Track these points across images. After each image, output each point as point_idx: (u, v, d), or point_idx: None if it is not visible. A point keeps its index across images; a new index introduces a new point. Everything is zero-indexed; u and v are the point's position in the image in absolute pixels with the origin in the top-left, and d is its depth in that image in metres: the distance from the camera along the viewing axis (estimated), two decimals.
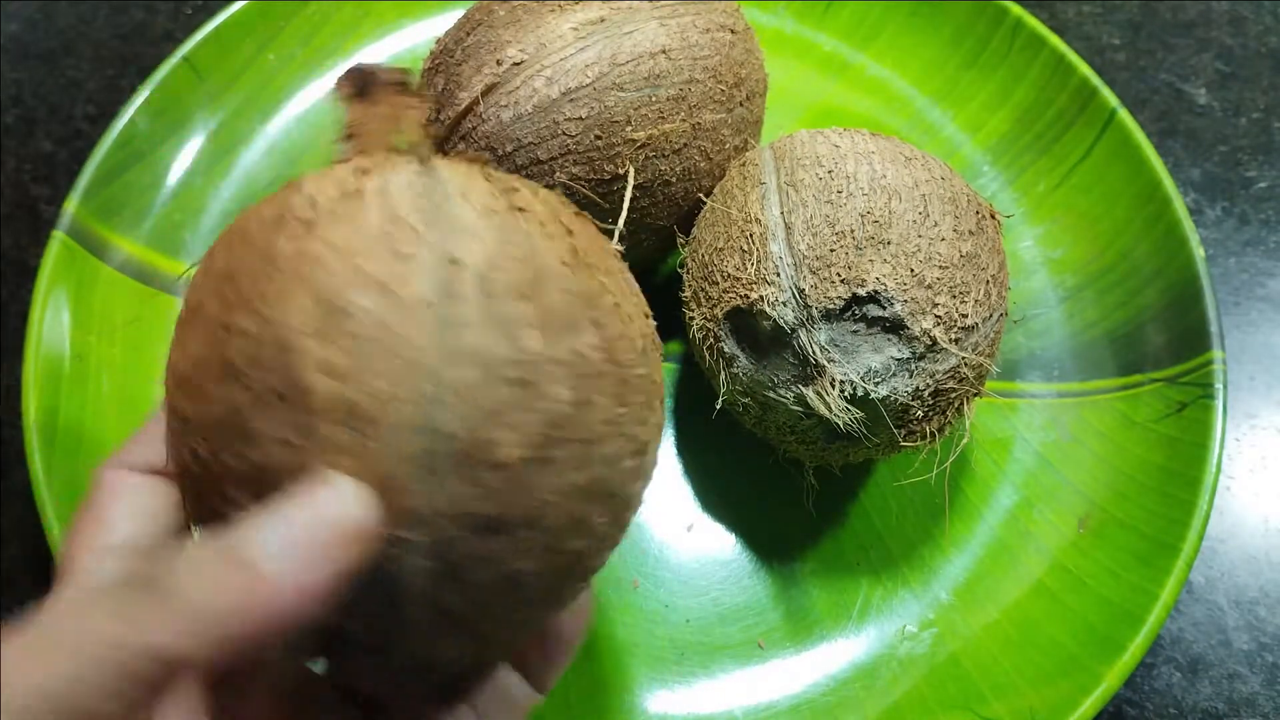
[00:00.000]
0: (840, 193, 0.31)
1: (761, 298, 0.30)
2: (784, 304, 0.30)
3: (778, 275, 0.30)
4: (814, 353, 0.30)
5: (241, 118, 0.45)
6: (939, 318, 0.30)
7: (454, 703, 0.23)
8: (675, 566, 0.36)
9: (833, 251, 0.30)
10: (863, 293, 0.29)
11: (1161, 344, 0.38)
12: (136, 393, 0.38)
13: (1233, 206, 0.46)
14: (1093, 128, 0.43)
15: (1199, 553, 0.34)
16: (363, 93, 0.23)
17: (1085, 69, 0.43)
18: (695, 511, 0.37)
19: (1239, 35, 0.52)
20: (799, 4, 0.49)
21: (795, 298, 0.30)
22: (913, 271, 0.30)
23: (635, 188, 0.33)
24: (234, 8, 0.45)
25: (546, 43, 0.33)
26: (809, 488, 0.35)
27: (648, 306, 0.23)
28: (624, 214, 0.33)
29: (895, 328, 0.30)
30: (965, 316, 0.30)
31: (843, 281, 0.30)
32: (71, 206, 0.39)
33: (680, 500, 0.37)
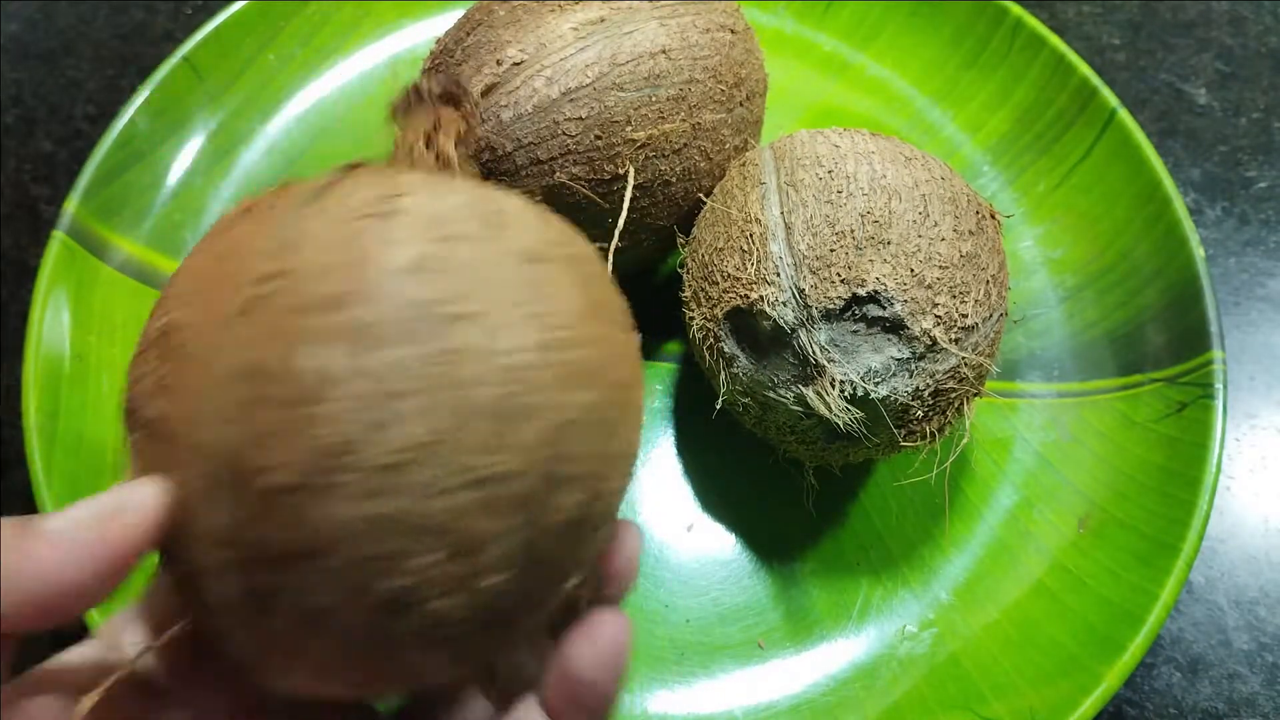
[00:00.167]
0: (840, 193, 0.31)
1: (761, 298, 0.30)
2: (784, 304, 0.30)
3: (778, 275, 0.30)
4: (814, 353, 0.30)
5: (241, 118, 0.45)
6: (939, 318, 0.30)
7: None
8: (675, 566, 0.36)
9: (833, 251, 0.30)
10: (863, 293, 0.30)
11: (1161, 344, 0.38)
12: None
13: (1233, 206, 0.46)
14: (1093, 128, 0.43)
15: (1199, 553, 0.34)
16: (412, 104, 0.24)
17: (1085, 69, 0.43)
18: (695, 511, 0.37)
19: (1239, 35, 0.52)
20: (799, 4, 0.49)
21: (795, 298, 0.30)
22: (913, 271, 0.30)
23: (635, 188, 0.33)
24: (234, 8, 0.45)
25: (546, 43, 0.33)
26: (809, 488, 0.35)
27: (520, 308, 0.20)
28: (624, 214, 0.33)
29: (895, 328, 0.30)
30: (965, 316, 0.30)
31: (843, 281, 0.30)
32: (71, 206, 0.39)
33: (680, 500, 0.37)
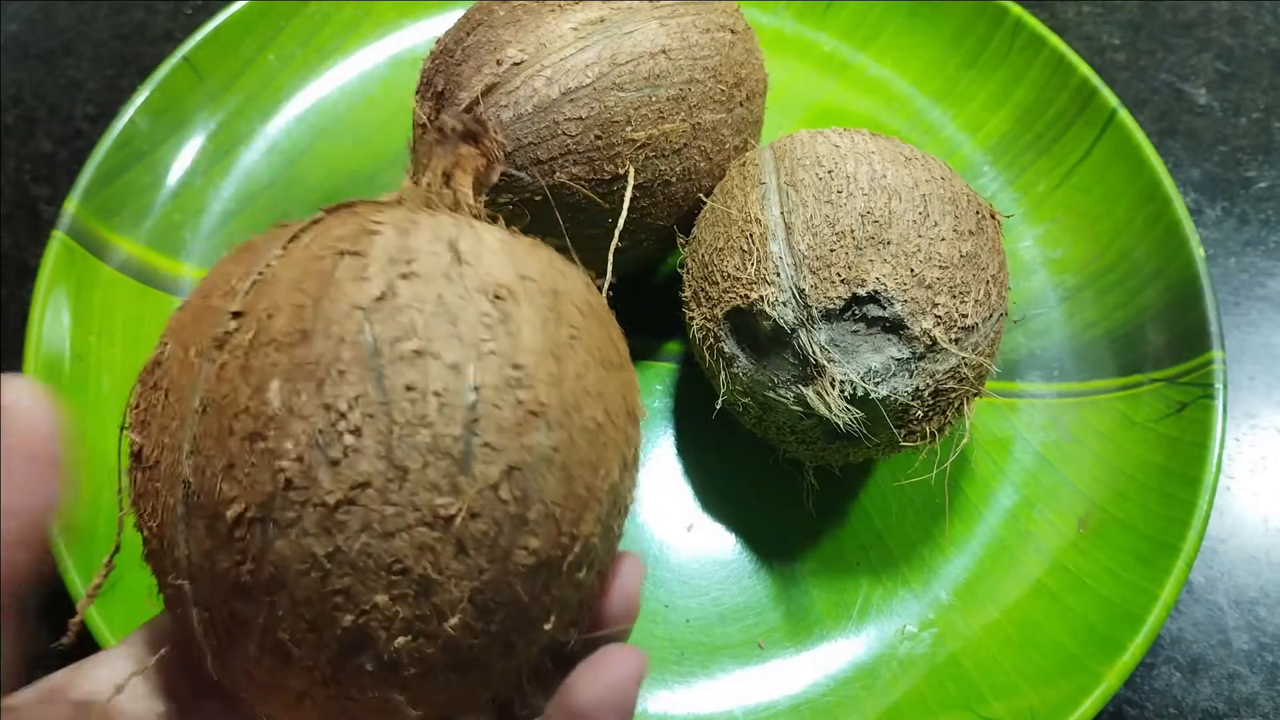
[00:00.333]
0: (840, 193, 0.31)
1: (761, 298, 0.30)
2: (784, 304, 0.30)
3: (778, 275, 0.30)
4: (814, 353, 0.30)
5: (241, 118, 0.45)
6: (939, 318, 0.30)
7: None
8: (675, 566, 0.36)
9: (833, 251, 0.30)
10: (863, 293, 0.30)
11: (1161, 344, 0.38)
12: None
13: (1233, 206, 0.46)
14: (1093, 128, 0.43)
15: (1199, 553, 0.34)
16: (433, 142, 0.24)
17: (1085, 69, 0.43)
18: (695, 511, 0.37)
19: (1239, 35, 0.52)
20: (799, 4, 0.49)
21: (795, 298, 0.30)
22: (913, 271, 0.30)
23: (635, 188, 0.33)
24: (234, 8, 0.45)
25: (546, 43, 0.33)
26: (809, 488, 0.35)
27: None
28: (624, 214, 0.33)
29: (895, 328, 0.30)
30: (965, 316, 0.30)
31: (843, 281, 0.30)
32: (71, 206, 0.39)
33: (680, 500, 0.37)
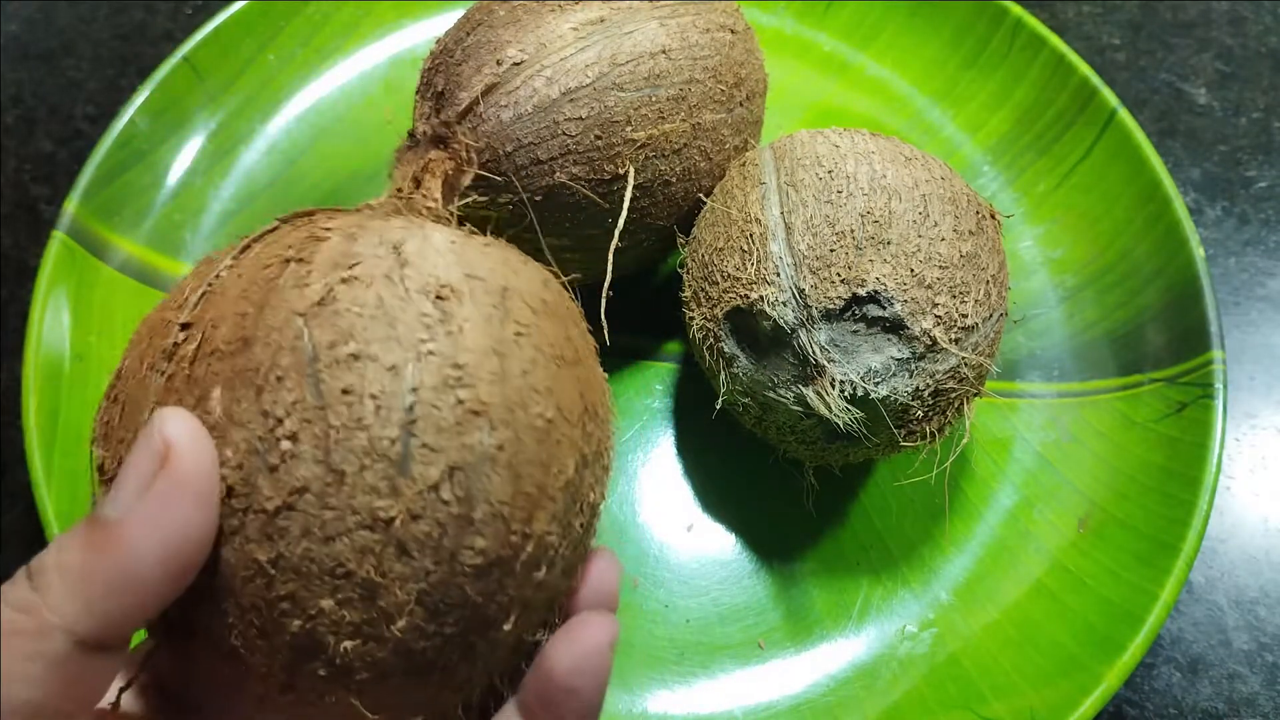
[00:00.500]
0: (840, 193, 0.31)
1: (761, 298, 0.30)
2: (784, 304, 0.30)
3: (778, 275, 0.30)
4: (814, 353, 0.30)
5: (241, 118, 0.45)
6: (939, 318, 0.30)
7: None
8: (675, 566, 0.36)
9: (833, 251, 0.30)
10: (863, 293, 0.30)
11: (1161, 344, 0.38)
12: None
13: (1233, 206, 0.46)
14: (1093, 128, 0.43)
15: (1199, 553, 0.34)
16: (409, 144, 0.24)
17: (1085, 69, 0.43)
18: (695, 511, 0.37)
19: (1239, 35, 0.52)
20: (799, 4, 0.49)
21: (795, 298, 0.30)
22: (913, 271, 0.30)
23: (635, 188, 0.33)
24: (234, 8, 0.45)
25: (546, 43, 0.33)
26: (809, 488, 0.35)
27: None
28: (624, 214, 0.33)
29: (895, 328, 0.30)
30: (965, 316, 0.30)
31: (843, 281, 0.30)
32: (71, 206, 0.39)
33: (680, 500, 0.37)
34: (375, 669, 0.18)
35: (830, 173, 0.32)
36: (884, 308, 0.30)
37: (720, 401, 0.33)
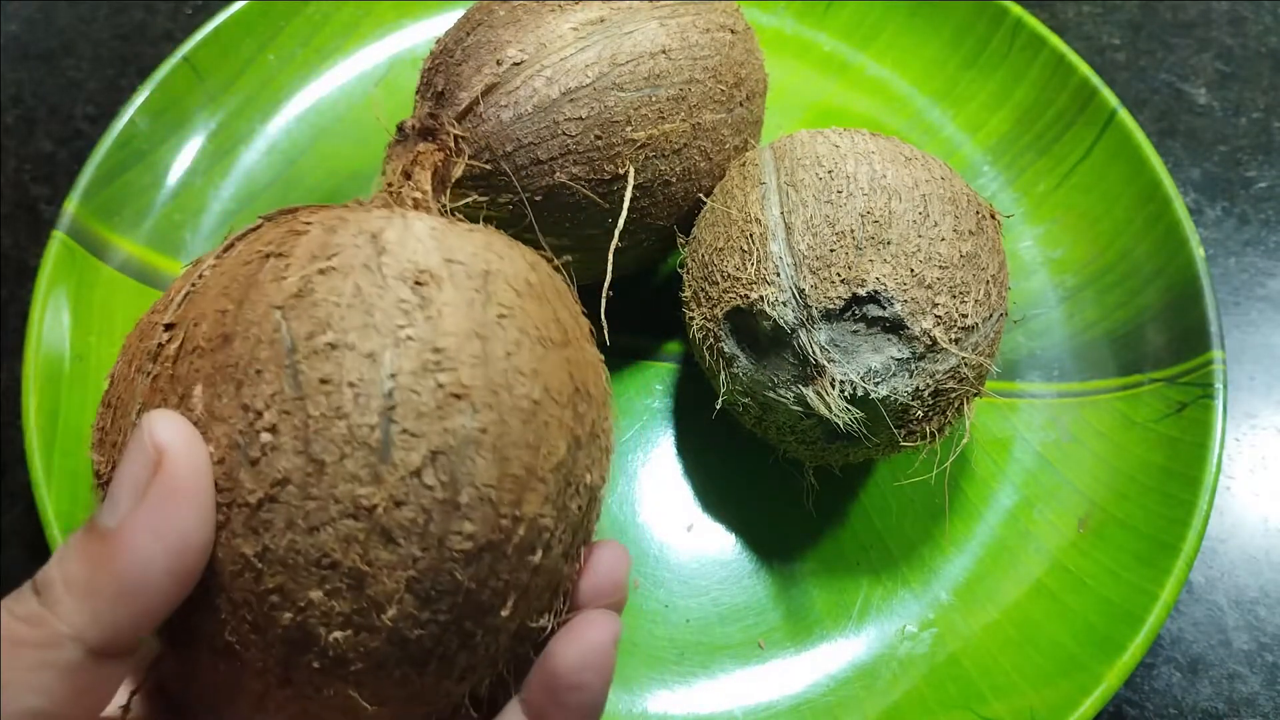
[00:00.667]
0: (840, 193, 0.31)
1: (761, 298, 0.30)
2: (784, 304, 0.30)
3: (778, 275, 0.31)
4: (814, 353, 0.30)
5: (241, 118, 0.45)
6: (939, 318, 0.30)
7: None
8: (675, 566, 0.36)
9: (833, 251, 0.30)
10: (863, 293, 0.30)
11: (1161, 344, 0.38)
12: None
13: (1233, 206, 0.46)
14: (1093, 128, 0.43)
15: (1199, 553, 0.34)
16: (399, 138, 0.24)
17: (1085, 69, 0.43)
18: (695, 511, 0.37)
19: (1239, 35, 0.52)
20: (799, 4, 0.49)
21: (795, 298, 0.30)
22: (913, 271, 0.30)
23: (635, 188, 0.33)
24: (234, 8, 0.45)
25: (546, 43, 0.33)
26: (809, 488, 0.35)
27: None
28: (624, 214, 0.33)
29: (895, 328, 0.30)
30: (965, 316, 0.30)
31: (843, 281, 0.30)
32: (71, 206, 0.39)
33: (680, 500, 0.37)
34: (370, 659, 0.18)
35: (830, 173, 0.32)
36: (884, 308, 0.30)
37: (720, 401, 0.33)
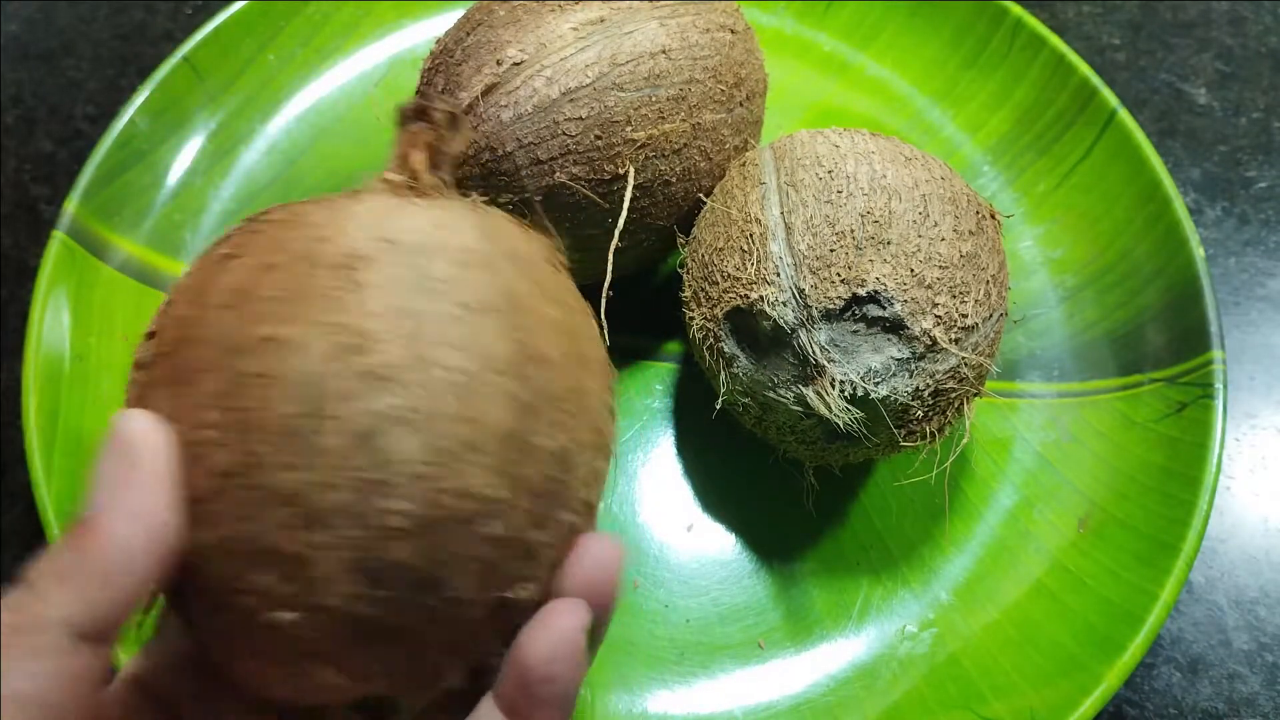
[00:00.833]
0: (840, 193, 0.31)
1: (761, 298, 0.30)
2: (784, 304, 0.30)
3: (778, 275, 0.31)
4: (814, 353, 0.30)
5: (241, 118, 0.45)
6: (939, 318, 0.30)
7: None
8: (675, 566, 0.36)
9: (833, 251, 0.30)
10: (863, 293, 0.30)
11: (1161, 344, 0.38)
12: None
13: (1233, 206, 0.46)
14: (1093, 128, 0.43)
15: (1199, 553, 0.34)
16: (411, 120, 0.24)
17: (1085, 69, 0.43)
18: (695, 511, 0.37)
19: (1239, 35, 0.52)
20: (799, 4, 0.49)
21: (795, 298, 0.30)
22: (913, 271, 0.30)
23: (635, 188, 0.33)
24: (234, 8, 0.45)
25: (546, 43, 0.33)
26: (809, 488, 0.35)
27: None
28: (624, 214, 0.33)
29: (895, 328, 0.30)
30: (965, 316, 0.30)
31: (843, 281, 0.30)
32: (71, 206, 0.39)
33: (680, 500, 0.37)
34: (332, 638, 0.19)
35: (830, 173, 0.32)
36: (884, 308, 0.30)
37: (720, 401, 0.33)
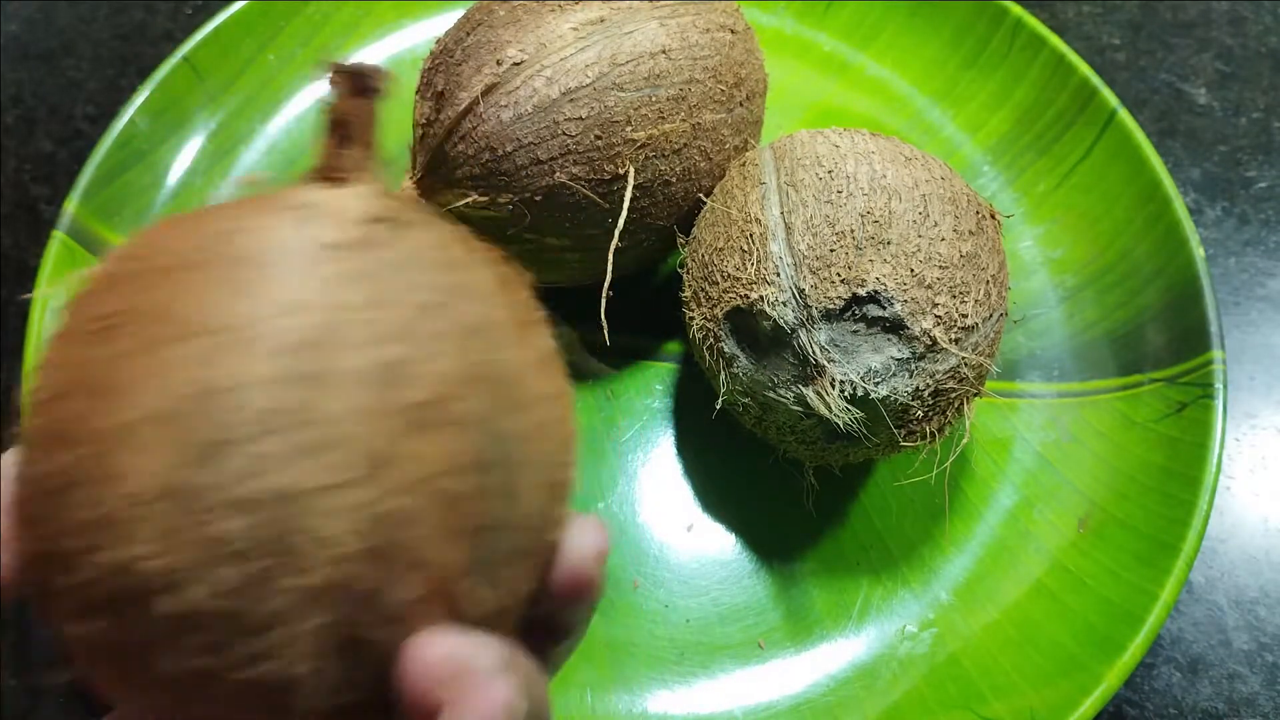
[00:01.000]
0: (840, 193, 0.31)
1: (761, 298, 0.30)
2: (784, 304, 0.30)
3: (778, 275, 0.31)
4: (814, 353, 0.30)
5: (241, 118, 0.45)
6: (939, 318, 0.30)
7: None
8: (675, 566, 0.36)
9: (833, 251, 0.30)
10: (863, 293, 0.30)
11: (1161, 344, 0.38)
12: None
13: (1233, 206, 0.46)
14: (1093, 128, 0.43)
15: (1199, 552, 0.34)
16: (348, 92, 0.22)
17: (1085, 69, 0.43)
18: (695, 511, 0.37)
19: (1239, 35, 0.52)
20: (799, 4, 0.49)
21: (795, 298, 0.30)
22: (913, 271, 0.30)
23: (635, 188, 0.33)
24: (234, 8, 0.45)
25: (546, 43, 0.33)
26: (809, 488, 0.35)
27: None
28: (624, 214, 0.33)
29: (895, 328, 0.30)
30: (965, 316, 0.30)
31: (843, 281, 0.30)
32: (72, 206, 0.39)
33: (680, 500, 0.37)
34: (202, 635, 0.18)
35: (830, 173, 0.32)
36: (884, 308, 0.30)
37: (720, 401, 0.33)
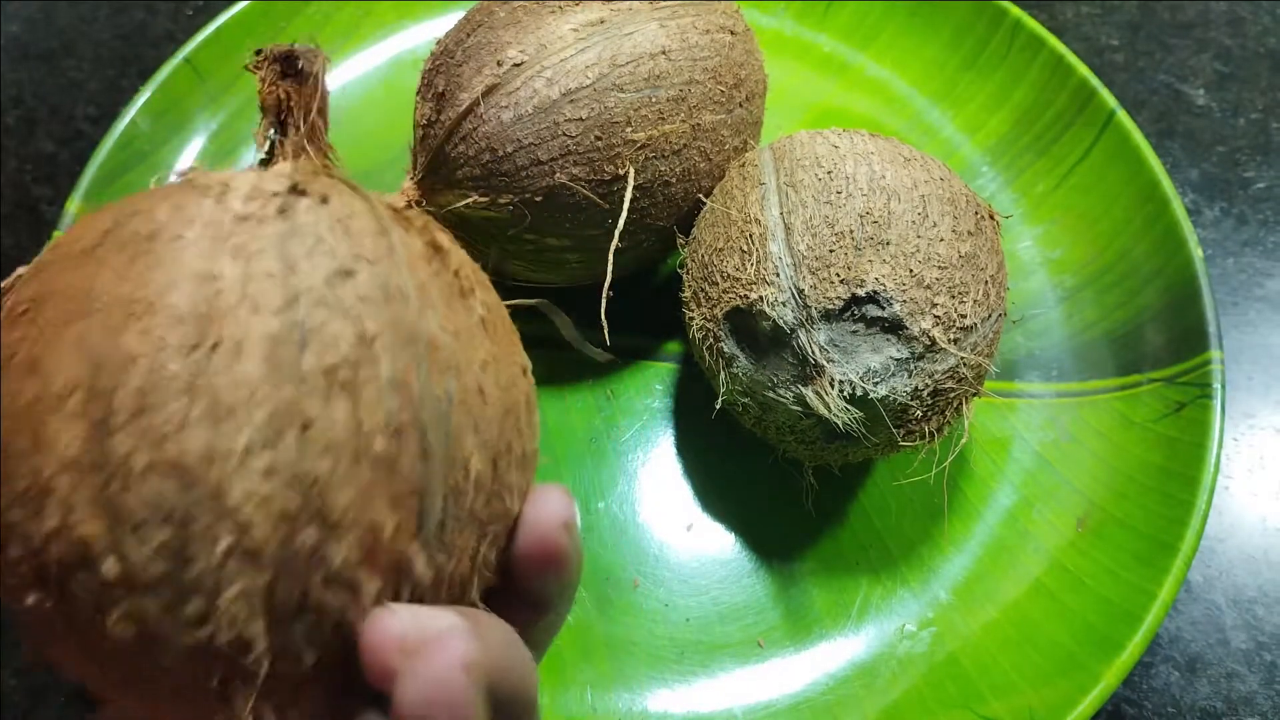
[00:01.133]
0: (839, 193, 0.31)
1: (761, 298, 0.30)
2: (783, 304, 0.30)
3: (777, 275, 0.31)
4: (813, 353, 0.30)
5: (242, 118, 0.45)
6: (938, 318, 0.30)
7: None
8: (675, 566, 0.36)
9: (832, 252, 0.30)
10: (862, 293, 0.30)
11: (1160, 344, 0.39)
12: None
13: (1231, 207, 0.46)
14: (1092, 128, 0.43)
15: (1197, 552, 0.34)
16: (276, 76, 0.22)
17: (1084, 70, 0.43)
18: (695, 511, 0.37)
19: (1238, 35, 0.52)
20: (799, 4, 0.49)
21: (795, 298, 0.30)
22: (911, 272, 0.30)
23: (635, 188, 0.34)
24: (235, 8, 0.45)
25: (547, 44, 0.33)
26: (808, 487, 0.35)
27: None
28: (624, 214, 0.33)
29: (894, 328, 0.30)
30: (964, 317, 0.30)
31: (842, 282, 0.30)
32: (73, 207, 0.39)
33: (680, 500, 0.37)
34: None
35: (830, 173, 0.32)
36: (883, 308, 0.30)
37: (720, 401, 0.33)
